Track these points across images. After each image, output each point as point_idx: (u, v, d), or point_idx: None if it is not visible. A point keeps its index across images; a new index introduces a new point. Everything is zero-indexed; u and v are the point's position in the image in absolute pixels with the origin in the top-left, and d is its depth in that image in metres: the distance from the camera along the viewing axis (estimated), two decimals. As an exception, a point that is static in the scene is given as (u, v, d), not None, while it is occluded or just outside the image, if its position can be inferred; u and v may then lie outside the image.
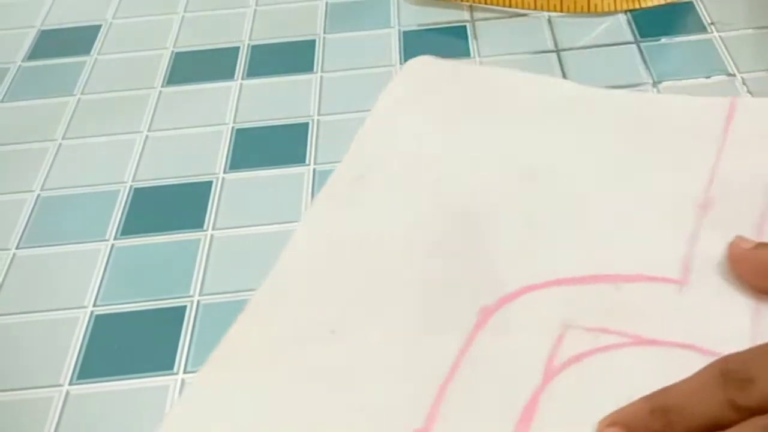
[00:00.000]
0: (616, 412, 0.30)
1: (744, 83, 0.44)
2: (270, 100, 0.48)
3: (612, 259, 0.36)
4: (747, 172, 0.38)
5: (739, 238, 0.34)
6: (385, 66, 0.49)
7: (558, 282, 0.36)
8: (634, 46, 0.48)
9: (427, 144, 0.43)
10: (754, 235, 0.35)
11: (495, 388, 0.33)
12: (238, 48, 0.52)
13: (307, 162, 0.44)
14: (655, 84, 0.45)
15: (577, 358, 0.33)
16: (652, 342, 0.33)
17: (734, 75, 0.45)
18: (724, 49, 0.47)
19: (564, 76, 0.47)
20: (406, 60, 0.48)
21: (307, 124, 0.46)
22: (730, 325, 0.33)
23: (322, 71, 0.50)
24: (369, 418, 0.32)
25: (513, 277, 0.36)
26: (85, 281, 0.39)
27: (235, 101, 0.48)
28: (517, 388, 0.32)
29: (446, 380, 0.33)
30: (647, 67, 0.46)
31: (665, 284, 0.35)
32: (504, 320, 0.35)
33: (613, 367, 0.32)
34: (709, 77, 0.45)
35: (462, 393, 0.33)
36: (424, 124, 0.44)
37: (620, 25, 0.49)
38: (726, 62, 0.46)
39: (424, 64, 0.48)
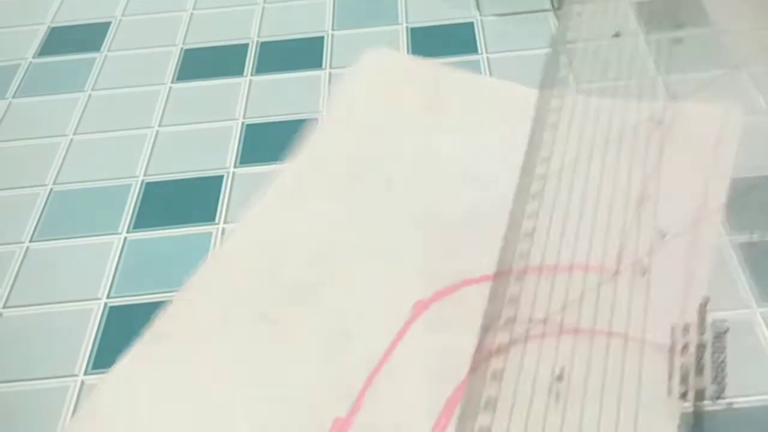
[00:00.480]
0: None
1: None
2: (279, 96, 0.49)
3: (547, 251, 0.37)
4: (687, 173, 0.39)
5: None
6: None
7: (491, 276, 0.36)
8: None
9: (374, 143, 0.43)
10: (687, 230, 0.36)
11: (421, 381, 0.33)
12: (247, 45, 0.53)
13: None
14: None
15: (506, 348, 0.34)
16: (578, 331, 0.34)
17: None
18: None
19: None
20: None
21: (316, 119, 0.47)
22: (656, 314, 0.34)
23: (330, 67, 0.50)
24: (292, 405, 0.33)
25: (450, 272, 0.37)
26: (99, 273, 0.39)
27: (245, 97, 0.49)
28: (442, 381, 0.33)
29: (374, 371, 0.34)
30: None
31: (600, 274, 0.36)
32: (437, 313, 0.35)
33: (542, 357, 0.33)
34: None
35: (388, 384, 0.33)
36: (374, 123, 0.45)
37: None
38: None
39: (381, 57, 0.48)
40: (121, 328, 0.37)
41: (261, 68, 0.51)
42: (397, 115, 0.45)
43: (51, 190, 0.44)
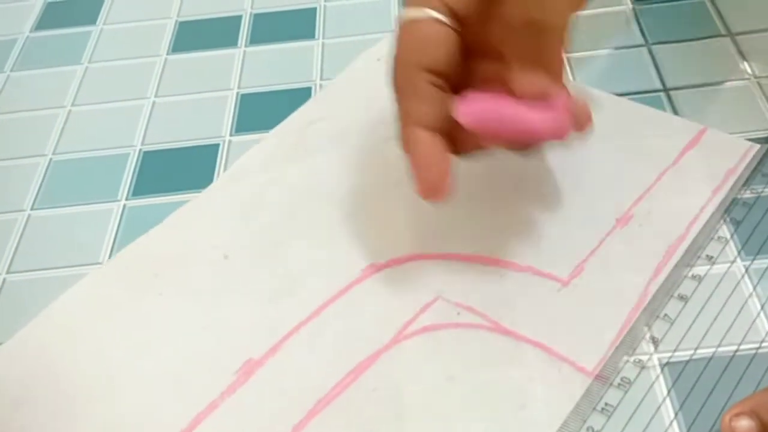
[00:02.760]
0: (740, 403, 0.30)
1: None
2: (273, 66, 0.50)
3: (510, 248, 0.37)
4: (678, 200, 0.38)
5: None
6: (386, 33, 0.50)
7: (448, 256, 0.37)
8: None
9: (379, 108, 0.43)
10: (656, 262, 0.36)
11: (341, 340, 0.34)
12: (240, 16, 0.54)
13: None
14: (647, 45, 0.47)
15: (430, 328, 0.34)
16: (507, 332, 0.34)
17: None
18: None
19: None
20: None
21: (309, 88, 0.47)
22: (590, 336, 0.33)
23: (323, 38, 0.51)
24: (213, 340, 0.35)
25: (409, 242, 0.38)
26: (99, 239, 0.40)
27: (239, 68, 0.50)
28: (361, 344, 0.34)
29: (302, 322, 0.35)
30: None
31: (549, 281, 0.36)
32: (383, 280, 0.36)
33: (456, 345, 0.34)
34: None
35: (310, 336, 0.35)
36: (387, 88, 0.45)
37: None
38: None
39: None
40: (122, 291, 0.38)
41: (255, 39, 0.52)
42: None
43: (51, 159, 0.45)
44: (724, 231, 0.37)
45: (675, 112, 0.43)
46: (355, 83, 0.46)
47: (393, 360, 0.34)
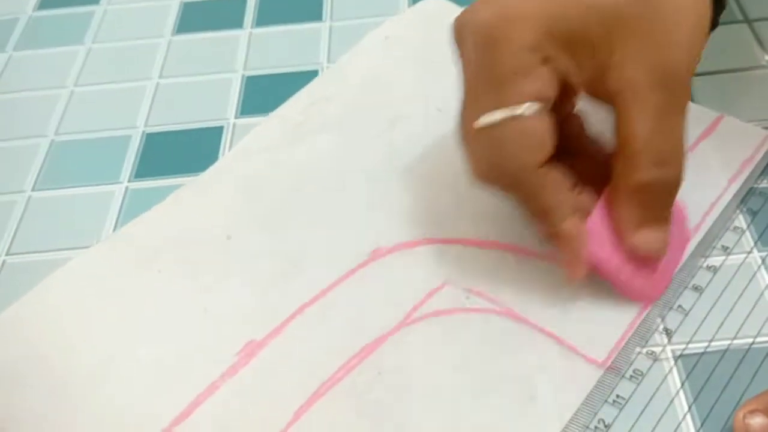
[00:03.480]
0: (755, 399, 0.29)
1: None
2: (280, 48, 0.49)
3: (522, 234, 0.36)
4: (693, 190, 0.36)
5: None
6: (394, 14, 0.49)
7: (457, 240, 0.36)
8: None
9: (386, 88, 0.43)
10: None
11: (346, 323, 0.34)
12: (247, -3, 0.53)
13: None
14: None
15: (439, 313, 0.34)
16: (519, 318, 0.33)
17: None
18: None
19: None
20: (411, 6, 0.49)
21: (316, 71, 0.46)
22: (603, 326, 0.33)
23: (331, 20, 0.50)
24: (214, 321, 0.34)
25: (418, 227, 0.37)
26: (100, 222, 0.40)
27: (245, 49, 0.49)
28: (367, 327, 0.33)
29: (306, 304, 0.34)
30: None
31: (562, 269, 0.34)
32: (390, 263, 0.35)
33: (464, 330, 0.33)
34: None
35: (315, 316, 0.34)
36: (395, 68, 0.44)
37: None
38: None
39: (436, 7, 0.48)
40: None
41: (261, 21, 0.51)
42: (424, 62, 0.44)
43: (53, 140, 0.45)
44: (740, 221, 0.36)
45: (690, 99, 0.42)
46: (361, 62, 0.45)
47: (399, 344, 0.33)
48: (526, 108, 0.30)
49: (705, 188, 0.37)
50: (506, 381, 0.31)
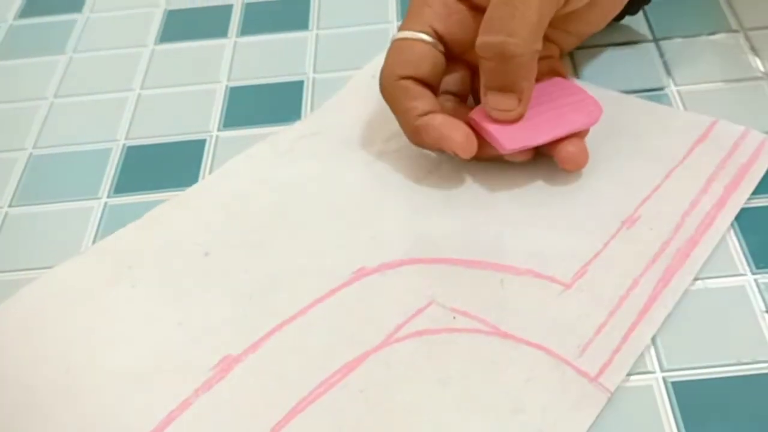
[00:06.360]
0: None
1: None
2: (265, 58, 0.48)
3: (509, 251, 0.35)
4: (685, 198, 0.36)
5: None
6: (381, 24, 0.48)
7: (445, 260, 0.35)
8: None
9: (373, 126, 0.42)
10: (664, 266, 0.34)
11: (327, 340, 0.33)
12: (231, 6, 0.52)
13: (302, 120, 0.43)
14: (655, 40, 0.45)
15: (424, 333, 0.33)
16: (506, 335, 0.32)
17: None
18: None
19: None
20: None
21: (302, 81, 0.45)
22: (592, 341, 0.32)
23: (317, 29, 0.49)
24: (190, 336, 0.33)
25: (402, 247, 0.36)
26: (78, 239, 0.39)
27: (229, 59, 0.48)
28: (349, 344, 0.32)
29: (286, 320, 0.33)
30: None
31: (550, 284, 0.34)
32: (373, 283, 0.35)
33: (450, 348, 0.32)
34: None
35: (296, 332, 0.33)
36: (384, 107, 0.42)
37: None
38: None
39: None
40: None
41: (246, 30, 0.50)
42: None
43: (31, 154, 0.43)
44: (734, 239, 0.35)
45: (684, 109, 0.41)
46: (350, 101, 0.44)
47: (383, 362, 0.32)
48: (421, 34, 0.37)
49: (700, 197, 0.36)
50: (492, 396, 0.31)
